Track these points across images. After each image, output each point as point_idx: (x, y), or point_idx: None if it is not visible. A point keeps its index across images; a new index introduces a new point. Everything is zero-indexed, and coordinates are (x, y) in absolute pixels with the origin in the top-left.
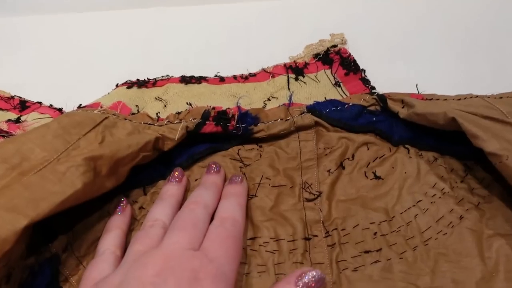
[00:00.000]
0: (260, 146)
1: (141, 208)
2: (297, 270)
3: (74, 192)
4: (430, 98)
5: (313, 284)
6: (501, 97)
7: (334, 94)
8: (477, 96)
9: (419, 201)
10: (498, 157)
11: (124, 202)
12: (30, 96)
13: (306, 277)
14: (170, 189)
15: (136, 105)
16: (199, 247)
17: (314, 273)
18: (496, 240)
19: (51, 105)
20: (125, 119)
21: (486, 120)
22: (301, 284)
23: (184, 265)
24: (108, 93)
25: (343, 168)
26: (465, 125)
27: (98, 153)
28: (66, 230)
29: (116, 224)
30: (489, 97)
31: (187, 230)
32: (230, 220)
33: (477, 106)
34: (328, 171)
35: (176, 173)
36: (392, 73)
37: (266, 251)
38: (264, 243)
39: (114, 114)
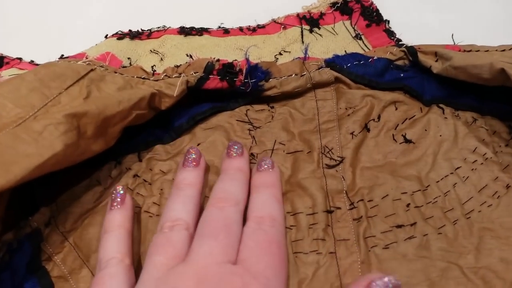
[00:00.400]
0: (272, 107)
1: (135, 176)
2: (362, 278)
3: (53, 155)
4: (469, 49)
5: None
6: None
7: (354, 47)
8: None
9: (457, 168)
10: None
11: (122, 191)
12: (9, 51)
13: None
14: (187, 177)
15: (128, 58)
16: (236, 257)
17: (387, 280)
18: None
19: (32, 61)
20: (115, 72)
21: None
22: None
23: (223, 285)
24: (96, 45)
25: (368, 130)
26: None
27: (82, 109)
28: (49, 202)
29: (117, 222)
30: None
31: (219, 236)
32: (268, 219)
33: None
34: (352, 133)
35: (192, 154)
36: (421, 23)
37: None
38: None
39: (101, 66)
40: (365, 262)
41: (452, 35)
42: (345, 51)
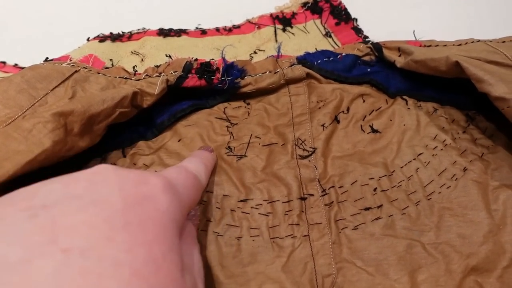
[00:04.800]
0: (248, 104)
1: None
2: None
3: (42, 152)
4: (429, 44)
5: None
6: (503, 41)
7: (325, 45)
8: (478, 41)
9: (419, 154)
10: (506, 102)
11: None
12: None
13: None
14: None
15: (110, 59)
16: None
17: None
18: (502, 192)
19: (16, 64)
20: (99, 73)
21: (491, 65)
22: None
23: (132, 172)
24: (79, 47)
25: (338, 122)
26: (470, 69)
27: (69, 108)
28: None
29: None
30: (491, 41)
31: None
32: (192, 171)
33: (479, 51)
34: (323, 125)
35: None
36: (386, 21)
37: (259, 213)
38: (256, 205)
39: (85, 68)
40: (336, 242)
41: (414, 32)
42: (316, 48)
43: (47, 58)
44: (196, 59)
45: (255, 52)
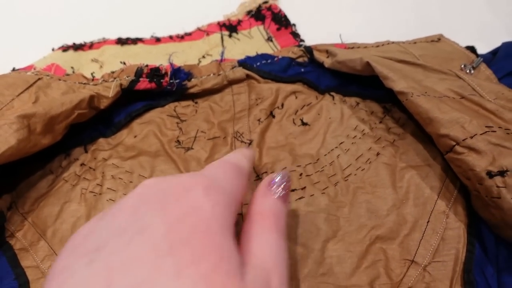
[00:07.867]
0: (196, 103)
1: (82, 164)
2: (262, 182)
3: (8, 149)
4: (352, 46)
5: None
6: (415, 42)
7: (266, 49)
8: (393, 42)
9: (341, 142)
10: (405, 95)
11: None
12: None
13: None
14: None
15: (72, 67)
16: None
17: (283, 173)
18: (407, 172)
19: None
20: (59, 80)
21: (400, 64)
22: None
23: (174, 181)
24: (44, 57)
25: (273, 117)
26: (377, 68)
27: (31, 111)
28: (10, 190)
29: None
30: (404, 42)
31: None
32: (231, 159)
33: (393, 52)
34: (259, 120)
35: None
36: (323, 25)
37: None
38: None
39: (47, 75)
40: None
41: (340, 35)
42: (257, 52)
43: (14, 68)
44: (146, 65)
45: (203, 57)
